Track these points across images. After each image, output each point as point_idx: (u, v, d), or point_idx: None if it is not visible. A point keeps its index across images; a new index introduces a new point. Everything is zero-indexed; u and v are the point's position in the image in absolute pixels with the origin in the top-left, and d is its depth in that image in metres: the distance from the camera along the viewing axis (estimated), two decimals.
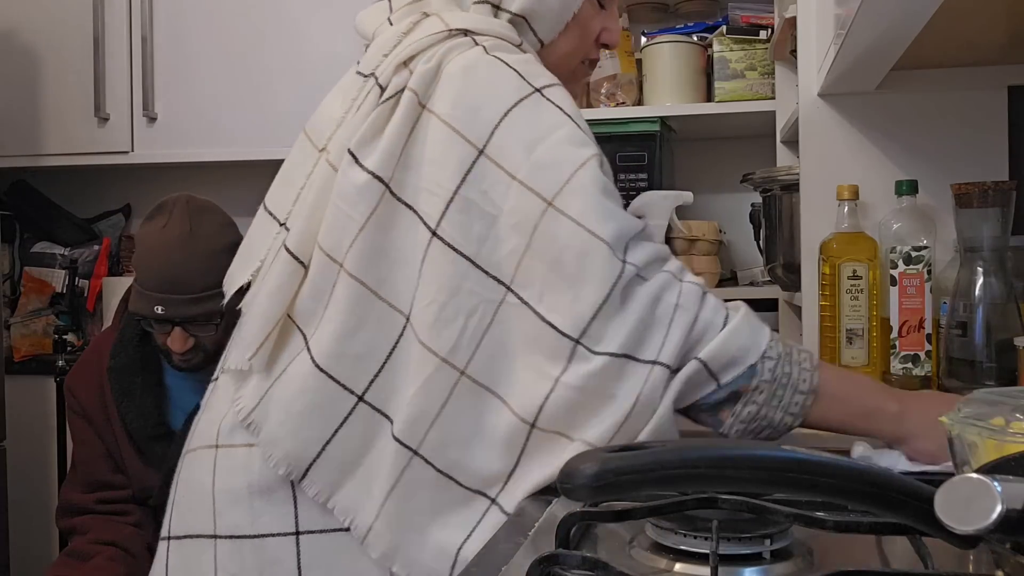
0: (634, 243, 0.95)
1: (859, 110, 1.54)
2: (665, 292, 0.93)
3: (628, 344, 0.91)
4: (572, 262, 0.92)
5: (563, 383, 0.91)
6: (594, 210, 0.93)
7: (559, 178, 0.94)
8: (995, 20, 1.16)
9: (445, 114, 0.96)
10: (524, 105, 0.96)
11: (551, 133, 0.96)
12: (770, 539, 0.73)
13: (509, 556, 0.80)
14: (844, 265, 1.43)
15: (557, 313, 0.92)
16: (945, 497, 0.56)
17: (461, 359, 0.94)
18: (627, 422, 0.90)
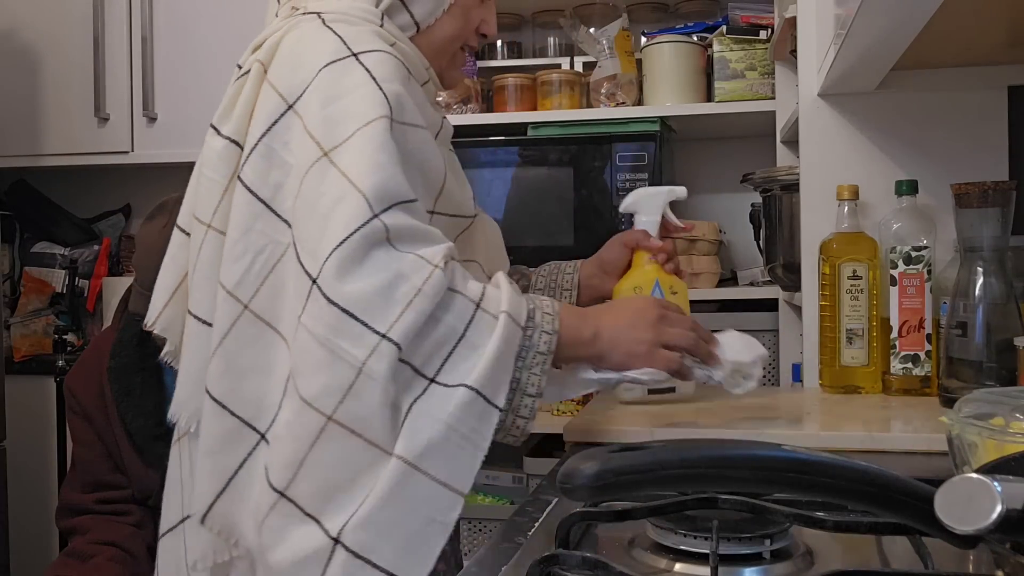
0: (399, 209, 0.94)
1: (859, 110, 1.54)
2: (413, 273, 0.91)
3: (360, 305, 0.90)
4: (326, 205, 0.94)
5: (303, 323, 0.92)
6: (363, 164, 0.94)
7: (342, 133, 0.96)
8: (995, 20, 1.16)
9: (272, 75, 1.03)
10: (335, 66, 0.99)
11: (350, 92, 0.98)
12: (770, 539, 0.73)
13: (509, 556, 0.80)
14: (844, 265, 1.43)
15: (305, 252, 0.94)
16: (945, 497, 0.56)
17: (245, 294, 0.99)
18: (347, 391, 0.90)
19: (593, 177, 2.23)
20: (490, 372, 0.92)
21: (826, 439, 1.16)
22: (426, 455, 0.90)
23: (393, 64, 1.02)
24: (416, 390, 0.91)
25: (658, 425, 1.19)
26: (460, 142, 2.29)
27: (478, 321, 0.93)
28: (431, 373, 0.92)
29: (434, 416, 0.90)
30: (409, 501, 0.90)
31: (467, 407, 0.91)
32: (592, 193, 2.23)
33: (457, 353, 0.92)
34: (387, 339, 0.89)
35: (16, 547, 2.34)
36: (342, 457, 0.91)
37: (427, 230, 0.96)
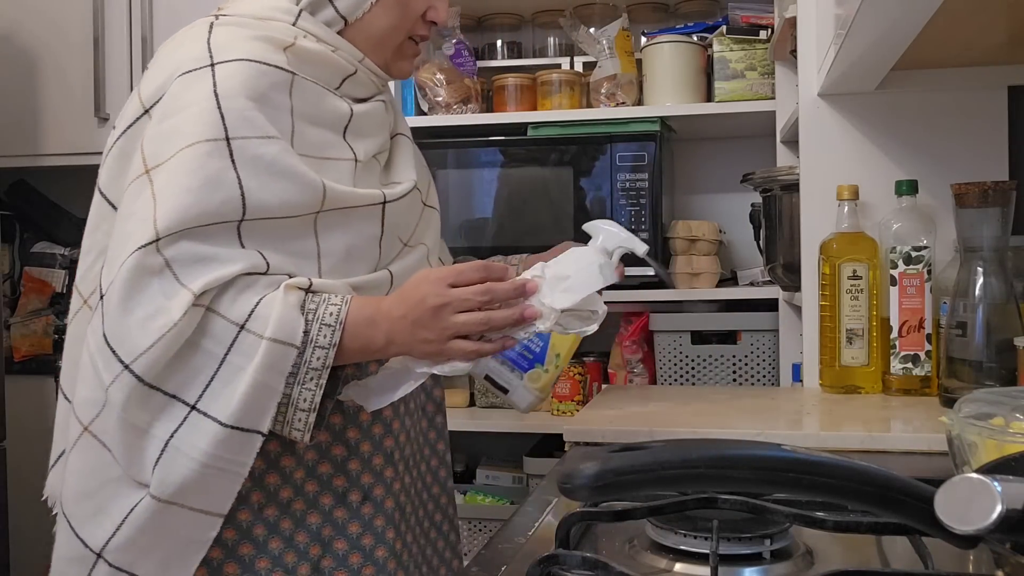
0: (187, 237, 0.94)
1: (859, 110, 1.54)
2: (175, 307, 0.92)
3: (117, 334, 0.93)
4: (131, 225, 0.96)
5: (88, 331, 0.98)
6: (169, 189, 0.95)
7: (165, 152, 0.97)
8: (995, 20, 1.16)
9: (144, 76, 1.06)
10: (188, 76, 1.00)
11: (186, 108, 0.98)
12: (770, 539, 0.73)
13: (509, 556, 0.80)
14: (844, 265, 1.43)
15: (108, 266, 0.98)
16: (945, 497, 0.56)
17: (85, 289, 1.07)
18: (101, 409, 0.98)
19: (593, 177, 2.23)
20: (249, 401, 0.93)
21: (826, 439, 1.16)
22: (180, 493, 0.95)
23: (248, 75, 0.99)
24: (175, 417, 0.94)
25: (658, 425, 1.19)
26: (460, 142, 2.31)
27: (240, 343, 0.94)
28: (191, 399, 0.94)
29: (189, 455, 0.93)
30: (168, 528, 0.97)
31: (223, 443, 0.93)
32: (592, 193, 2.23)
33: (219, 378, 0.94)
34: (128, 370, 0.92)
35: (16, 547, 2.34)
36: (93, 467, 0.99)
37: (214, 256, 0.94)
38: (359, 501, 1.07)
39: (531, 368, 1.18)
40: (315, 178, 1.00)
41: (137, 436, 0.95)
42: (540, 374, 1.19)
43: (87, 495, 0.99)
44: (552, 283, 0.97)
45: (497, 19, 2.62)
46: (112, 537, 0.97)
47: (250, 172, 0.96)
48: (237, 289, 0.95)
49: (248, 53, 1.01)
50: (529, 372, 1.18)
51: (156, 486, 0.94)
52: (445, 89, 2.33)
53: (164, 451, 0.94)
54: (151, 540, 0.97)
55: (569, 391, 2.30)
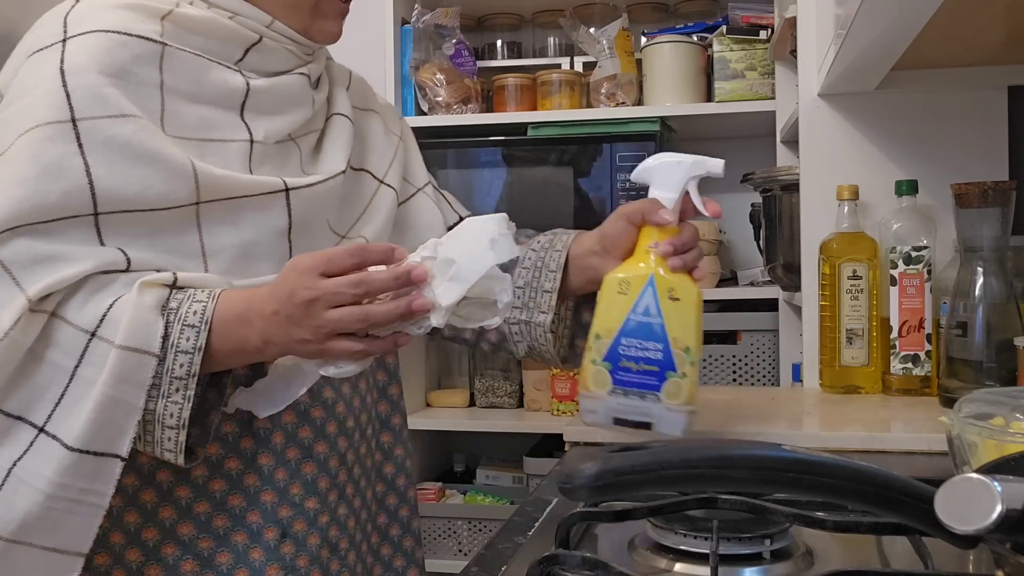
0: (24, 234, 0.82)
1: (859, 110, 1.54)
2: (3, 313, 0.80)
3: None
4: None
5: None
6: (4, 182, 0.83)
7: (4, 140, 0.86)
8: (995, 20, 1.16)
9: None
10: (37, 56, 0.89)
11: (29, 92, 0.87)
12: (770, 539, 0.73)
13: (509, 556, 0.80)
14: (844, 265, 1.43)
15: None
16: (945, 497, 0.56)
17: None
18: None
19: (593, 177, 2.23)
20: (99, 420, 0.80)
21: (826, 439, 1.16)
22: (24, 530, 0.81)
23: (103, 48, 0.87)
24: (20, 442, 0.81)
25: None
26: (460, 142, 2.31)
27: (91, 353, 0.81)
28: (40, 421, 0.81)
29: (34, 486, 0.80)
30: (15, 573, 0.82)
31: (71, 470, 0.80)
32: (592, 193, 2.23)
33: (70, 393, 0.81)
34: None
35: None
36: None
37: (57, 255, 0.82)
38: (277, 539, 0.94)
39: (663, 382, 0.95)
40: (184, 162, 0.86)
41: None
42: (678, 383, 0.95)
43: None
44: (441, 268, 0.83)
45: (497, 19, 2.62)
46: None
47: (101, 157, 0.84)
48: (88, 291, 0.83)
49: (107, 24, 0.89)
50: (664, 388, 0.95)
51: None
52: (445, 89, 2.33)
53: (5, 481, 0.80)
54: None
55: (569, 391, 2.30)
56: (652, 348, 0.96)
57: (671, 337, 0.95)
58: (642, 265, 0.98)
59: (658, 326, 0.96)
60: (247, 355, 0.87)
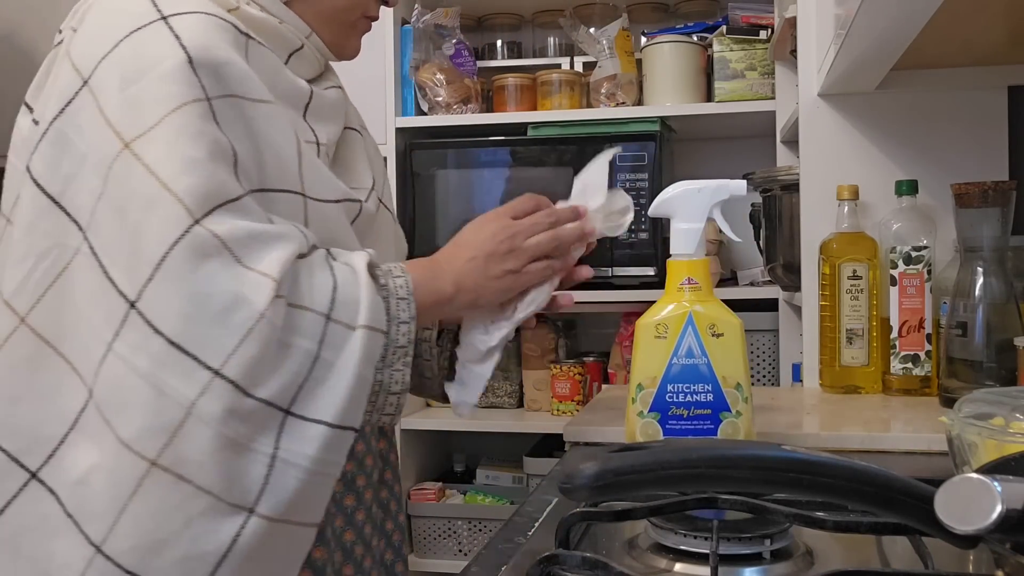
0: (225, 212, 0.80)
1: (859, 110, 1.54)
2: (254, 294, 0.79)
3: (190, 336, 0.77)
4: (135, 211, 0.80)
5: (115, 351, 0.79)
6: (173, 159, 0.80)
7: (145, 120, 0.81)
8: (995, 20, 1.16)
9: (71, 43, 0.88)
10: (139, 34, 0.84)
11: (154, 67, 0.82)
12: (770, 539, 0.73)
13: (509, 556, 0.80)
14: (844, 265, 1.43)
15: (117, 268, 0.80)
16: (945, 497, 0.56)
17: (22, 305, 0.84)
18: (174, 433, 0.77)
19: None
20: (350, 399, 0.83)
21: (826, 439, 1.16)
22: (294, 508, 0.81)
23: (213, 28, 0.86)
24: (272, 428, 0.80)
25: None
26: (460, 142, 2.31)
27: (331, 336, 0.83)
28: (285, 404, 0.80)
29: (298, 465, 0.80)
30: (272, 551, 0.82)
31: (328, 447, 0.82)
32: None
33: (313, 377, 0.82)
34: (220, 376, 0.77)
35: None
36: (169, 507, 0.78)
37: (266, 231, 0.82)
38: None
39: (719, 424, 0.94)
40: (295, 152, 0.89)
41: (237, 453, 0.78)
42: (735, 424, 0.94)
43: (165, 543, 0.78)
44: (579, 196, 1.01)
45: (497, 19, 2.62)
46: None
47: (239, 134, 0.84)
48: (305, 272, 0.84)
49: (198, 6, 0.87)
50: (720, 430, 0.94)
51: (267, 506, 0.80)
52: (445, 89, 2.33)
53: (272, 466, 0.80)
54: (255, 570, 0.81)
55: (569, 391, 2.30)
56: (702, 391, 0.92)
57: (720, 376, 0.92)
58: (676, 304, 0.94)
59: (704, 366, 0.92)
60: (441, 305, 0.93)
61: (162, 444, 0.77)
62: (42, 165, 0.85)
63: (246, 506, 0.79)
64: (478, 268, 0.94)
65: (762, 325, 2.19)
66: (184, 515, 0.78)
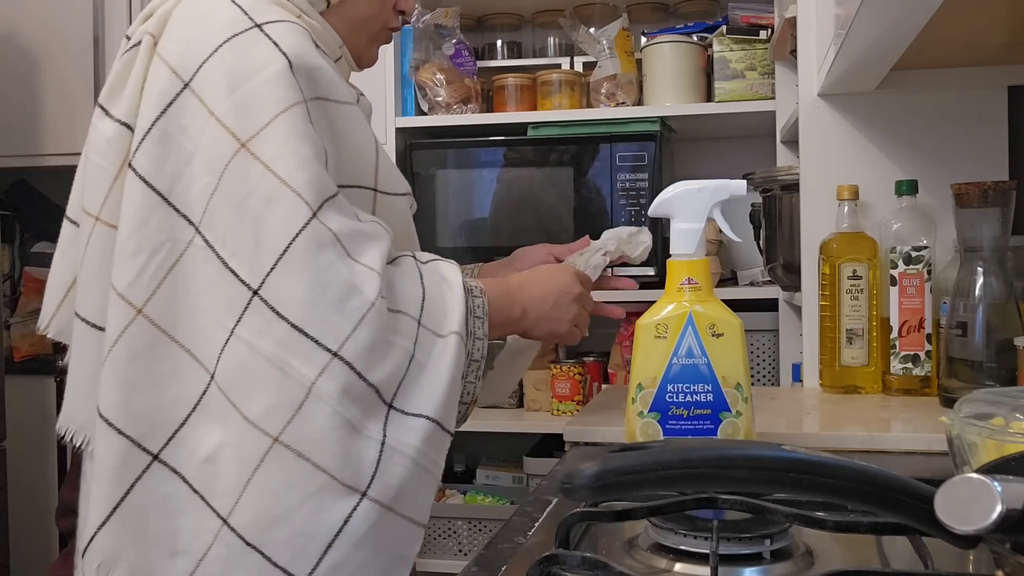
0: (331, 208, 0.88)
1: (859, 110, 1.54)
2: (364, 285, 0.86)
3: (310, 319, 0.84)
4: (256, 206, 0.86)
5: (237, 335, 0.85)
6: (288, 157, 0.87)
7: (257, 121, 0.88)
8: (995, 20, 1.16)
9: (162, 48, 0.93)
10: (238, 40, 0.91)
11: (259, 72, 0.89)
12: (770, 539, 0.73)
13: (509, 556, 0.80)
14: (844, 265, 1.43)
15: (239, 259, 0.86)
16: (945, 497, 0.56)
17: (138, 297, 0.89)
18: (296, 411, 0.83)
19: (593, 177, 2.23)
20: (447, 400, 0.89)
21: (826, 439, 1.16)
22: (400, 497, 0.85)
23: (301, 35, 0.93)
24: (379, 416, 0.85)
25: None
26: (460, 142, 2.31)
27: (425, 341, 0.89)
28: (388, 398, 0.86)
29: (404, 453, 0.86)
30: (382, 542, 0.85)
31: (430, 441, 0.87)
32: (592, 193, 2.23)
33: (409, 376, 0.87)
34: (339, 358, 0.83)
35: (16, 547, 2.34)
36: (288, 482, 0.83)
37: (363, 228, 0.90)
38: None
39: (719, 424, 0.94)
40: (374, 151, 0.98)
41: (351, 434, 0.84)
42: (734, 424, 0.94)
43: (282, 518, 0.83)
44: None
45: (497, 19, 2.62)
46: (322, 559, 0.83)
47: (323, 134, 0.91)
48: (398, 277, 0.92)
49: (283, 15, 0.94)
50: (720, 430, 0.94)
51: (378, 490, 0.84)
52: (445, 89, 2.33)
53: (382, 451, 0.85)
54: (364, 557, 0.84)
55: (569, 391, 2.30)
56: (701, 391, 0.93)
57: (720, 376, 0.93)
58: (676, 304, 0.95)
59: (704, 366, 0.93)
60: (508, 326, 1.05)
61: (285, 422, 0.83)
62: (147, 162, 0.90)
63: (359, 488, 0.84)
64: (544, 306, 1.07)
65: (762, 325, 2.19)
66: (301, 492, 0.83)
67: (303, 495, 0.83)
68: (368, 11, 1.07)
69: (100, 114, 0.97)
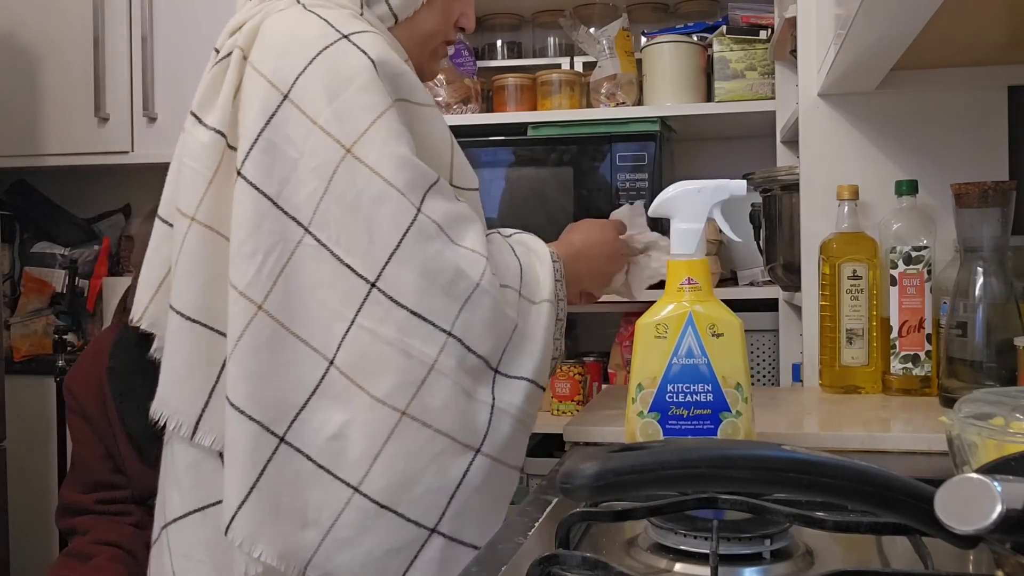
0: (433, 195, 0.99)
1: (859, 110, 1.54)
2: (470, 268, 0.98)
3: (426, 305, 0.96)
4: (367, 206, 0.96)
5: (359, 324, 0.96)
6: (389, 159, 0.97)
7: (358, 126, 0.97)
8: (995, 20, 1.16)
9: (256, 61, 1.01)
10: (329, 52, 0.99)
11: (352, 80, 0.98)
12: (770, 539, 0.73)
13: (509, 556, 0.80)
14: (844, 265, 1.43)
15: (354, 255, 0.96)
16: (945, 497, 0.56)
17: (258, 294, 0.97)
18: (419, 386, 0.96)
19: (593, 177, 2.23)
20: (543, 361, 1.03)
21: (826, 439, 1.16)
22: (505, 450, 1.01)
23: (385, 43, 1.02)
24: (486, 381, 0.99)
25: None
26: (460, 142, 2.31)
27: (524, 310, 1.03)
28: (494, 363, 1.00)
29: (510, 413, 1.00)
30: (491, 487, 1.01)
31: (529, 399, 1.01)
32: (592, 193, 2.23)
33: (513, 344, 1.01)
34: (452, 336, 0.96)
35: (16, 547, 2.34)
36: (415, 449, 0.96)
37: (461, 211, 1.01)
38: None
39: (718, 424, 0.94)
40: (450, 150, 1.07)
41: (467, 401, 0.98)
42: (734, 424, 0.94)
43: (414, 479, 0.97)
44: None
45: (497, 19, 2.62)
46: (447, 508, 0.98)
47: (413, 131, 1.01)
48: (497, 252, 1.04)
49: (366, 26, 1.03)
50: (720, 430, 0.94)
51: (491, 447, 0.99)
52: (445, 89, 2.33)
53: (492, 413, 0.99)
54: (479, 502, 1.00)
55: (569, 391, 2.30)
56: (701, 391, 0.93)
57: (720, 376, 0.92)
58: (676, 304, 0.94)
59: (704, 366, 0.92)
60: (573, 285, 1.15)
61: (410, 396, 0.95)
62: (256, 171, 0.98)
63: (474, 446, 0.99)
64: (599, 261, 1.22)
65: (762, 325, 2.19)
66: (429, 455, 0.96)
67: (430, 457, 0.96)
68: (432, 27, 1.14)
69: (194, 122, 1.04)
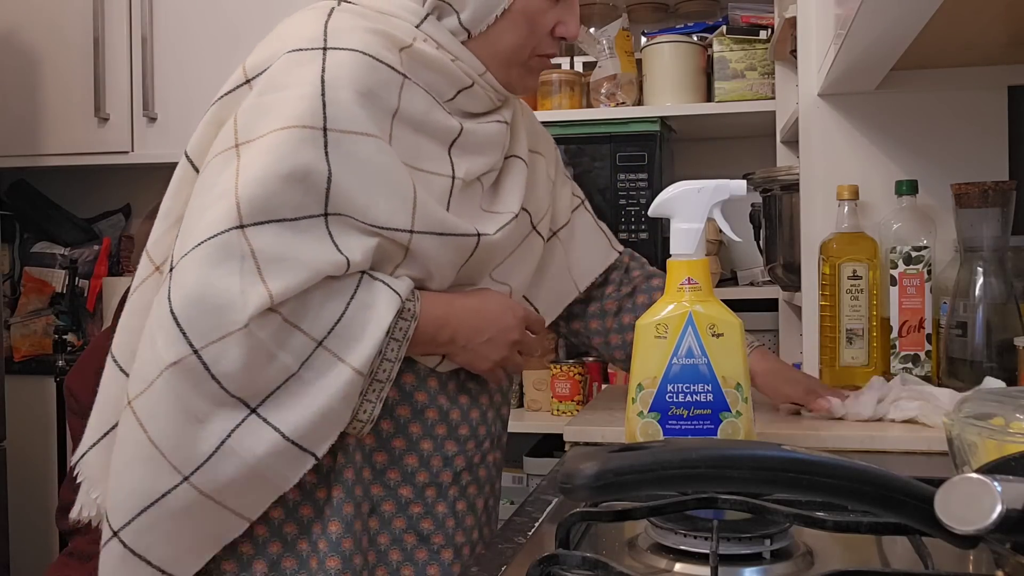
0: (274, 228, 0.90)
1: (859, 110, 1.54)
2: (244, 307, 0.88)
3: (185, 313, 0.89)
4: (210, 199, 0.93)
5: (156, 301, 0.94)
6: (256, 169, 0.91)
7: (258, 128, 0.94)
8: (995, 20, 1.16)
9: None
10: (298, 55, 0.96)
11: (289, 88, 0.94)
12: (770, 539, 0.73)
13: (509, 556, 0.80)
14: (844, 265, 1.43)
15: (181, 238, 0.94)
16: (945, 497, 0.56)
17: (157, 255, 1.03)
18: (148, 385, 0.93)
19: (593, 177, 2.23)
20: (318, 424, 0.92)
21: (826, 439, 1.16)
22: (226, 492, 0.93)
23: (359, 67, 0.95)
24: (231, 416, 0.91)
25: None
26: None
27: (315, 359, 0.92)
28: (254, 403, 0.91)
29: (243, 458, 0.91)
30: (197, 521, 0.94)
31: (279, 456, 0.92)
32: (592, 193, 2.23)
33: (286, 389, 0.92)
34: (197, 355, 0.89)
35: (16, 547, 2.34)
36: (129, 441, 0.94)
37: (295, 256, 0.90)
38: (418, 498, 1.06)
39: (718, 424, 0.93)
40: (409, 191, 0.96)
41: (191, 424, 0.91)
42: (734, 424, 0.93)
43: (124, 468, 0.95)
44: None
45: None
46: (136, 517, 0.93)
47: (342, 167, 0.92)
48: (320, 299, 0.92)
49: (363, 45, 0.96)
50: (720, 430, 0.93)
51: (202, 480, 0.92)
52: None
53: (219, 448, 0.91)
54: (174, 528, 0.94)
55: (569, 391, 2.30)
56: (701, 391, 0.92)
57: (720, 376, 0.92)
58: (676, 304, 0.93)
59: (704, 366, 0.92)
60: (433, 347, 1.03)
61: (139, 390, 0.93)
62: (195, 142, 1.02)
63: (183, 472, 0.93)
64: (475, 340, 1.04)
65: (762, 325, 2.19)
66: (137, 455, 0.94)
67: (137, 458, 0.94)
68: (513, 41, 1.06)
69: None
